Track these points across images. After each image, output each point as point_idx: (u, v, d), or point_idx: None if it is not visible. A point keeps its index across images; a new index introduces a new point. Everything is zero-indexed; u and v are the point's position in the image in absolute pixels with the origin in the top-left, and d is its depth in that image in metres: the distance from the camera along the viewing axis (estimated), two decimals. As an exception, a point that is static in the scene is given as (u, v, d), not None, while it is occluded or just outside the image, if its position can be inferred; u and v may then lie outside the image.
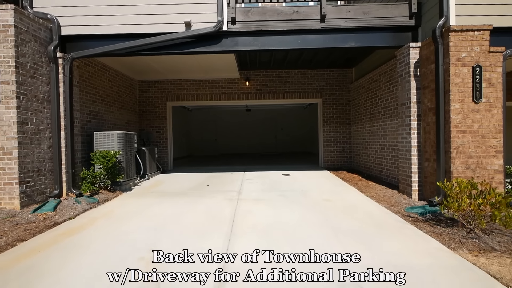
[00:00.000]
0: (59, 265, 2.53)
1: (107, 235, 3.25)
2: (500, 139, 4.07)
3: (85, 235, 3.27)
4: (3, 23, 4.02)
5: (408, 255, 2.69)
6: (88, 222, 3.72)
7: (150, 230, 3.39)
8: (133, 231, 3.37)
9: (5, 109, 4.03)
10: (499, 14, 4.09)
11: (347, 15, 4.83)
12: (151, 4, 4.79)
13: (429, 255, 2.68)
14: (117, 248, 2.88)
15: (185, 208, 4.31)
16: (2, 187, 4.04)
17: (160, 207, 4.41)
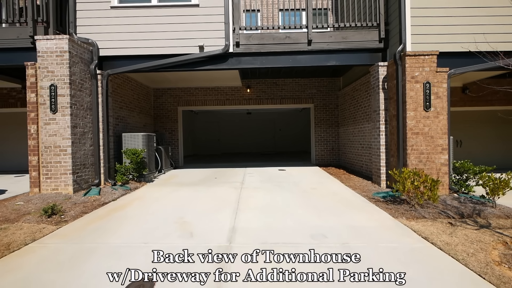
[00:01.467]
0: (116, 227, 3.69)
1: (145, 210, 4.42)
2: (445, 139, 5.23)
3: (128, 210, 4.43)
4: (60, 49, 5.19)
5: (366, 221, 3.85)
6: (127, 203, 4.89)
7: (176, 207, 4.55)
8: (164, 208, 4.53)
9: (61, 116, 5.20)
10: (444, 42, 5.26)
11: (329, 39, 6.00)
12: (172, 30, 5.95)
13: (379, 221, 3.84)
14: (155, 218, 4.04)
15: (200, 194, 5.48)
16: (59, 176, 5.21)
17: (179, 193, 5.58)
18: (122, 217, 4.08)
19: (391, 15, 5.78)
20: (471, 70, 5.10)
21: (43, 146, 5.20)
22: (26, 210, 4.41)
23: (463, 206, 4.46)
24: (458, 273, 2.47)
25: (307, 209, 4.42)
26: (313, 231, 3.43)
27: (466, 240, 3.18)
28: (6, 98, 8.62)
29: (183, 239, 3.24)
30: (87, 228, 3.62)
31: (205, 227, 3.63)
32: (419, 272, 2.47)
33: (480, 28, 5.13)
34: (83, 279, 2.38)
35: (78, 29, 5.92)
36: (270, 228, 3.56)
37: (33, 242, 3.19)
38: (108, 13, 5.96)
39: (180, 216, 4.10)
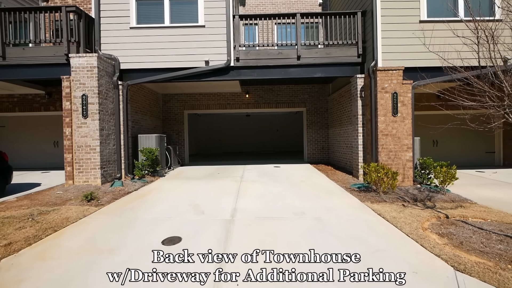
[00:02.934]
0: (144, 208, 4.75)
1: (163, 197, 5.48)
2: (410, 140, 6.30)
3: (150, 197, 5.49)
4: (90, 65, 6.25)
5: (338, 204, 4.91)
6: (147, 192, 5.95)
7: (188, 195, 5.62)
8: (178, 195, 5.60)
9: (91, 121, 6.26)
10: (409, 59, 6.33)
11: (315, 55, 7.07)
12: (182, 47, 7.02)
13: (348, 204, 4.91)
14: (173, 202, 5.11)
15: (206, 185, 6.54)
16: (89, 171, 6.27)
17: (189, 185, 6.64)
18: (146, 202, 5.15)
19: (367, 35, 6.85)
20: (430, 82, 6.15)
21: (76, 145, 6.26)
22: (67, 197, 5.47)
23: (420, 194, 5.54)
24: (393, 233, 3.55)
25: (294, 196, 5.49)
26: (295, 210, 4.50)
27: (409, 215, 4.25)
28: (31, 103, 9.67)
29: (197, 215, 4.31)
30: (121, 209, 4.69)
31: (212, 208, 4.70)
32: (365, 232, 3.54)
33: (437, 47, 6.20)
34: (131, 237, 3.45)
35: (102, 46, 6.98)
36: (263, 209, 4.63)
37: (85, 217, 4.26)
38: (127, 32, 7.02)
39: (192, 201, 5.16)
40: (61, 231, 3.67)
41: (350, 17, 7.01)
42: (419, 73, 6.36)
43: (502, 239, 3.31)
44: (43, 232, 3.59)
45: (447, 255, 2.91)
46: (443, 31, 6.23)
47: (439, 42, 6.13)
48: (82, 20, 6.51)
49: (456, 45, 4.63)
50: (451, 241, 3.30)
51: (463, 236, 3.43)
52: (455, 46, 4.64)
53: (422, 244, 3.20)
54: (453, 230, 3.65)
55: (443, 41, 6.18)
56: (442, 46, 6.25)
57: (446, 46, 6.10)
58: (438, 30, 5.91)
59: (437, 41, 6.18)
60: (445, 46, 6.20)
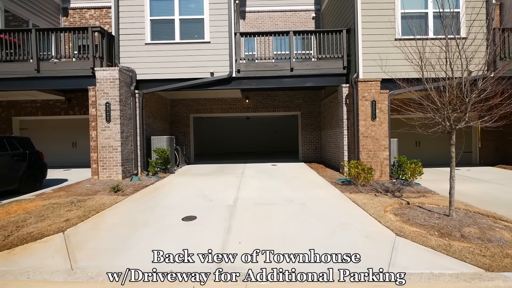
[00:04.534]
0: (162, 197, 5.79)
1: (176, 189, 6.52)
2: (387, 141, 7.33)
3: (164, 190, 6.53)
4: (113, 77, 7.30)
5: (322, 194, 5.95)
6: (162, 185, 6.99)
7: (197, 187, 6.66)
8: (189, 188, 6.64)
9: (113, 125, 7.31)
10: (385, 71, 7.34)
11: (306, 67, 8.11)
12: (190, 61, 8.06)
13: (329, 194, 5.95)
14: (185, 193, 6.15)
15: (212, 180, 7.58)
16: (111, 167, 7.31)
17: (197, 180, 7.68)
18: (162, 193, 6.19)
19: (351, 49, 7.89)
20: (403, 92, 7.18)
21: (100, 146, 7.31)
22: (96, 189, 6.51)
23: (393, 186, 6.57)
24: (359, 214, 4.59)
25: (286, 188, 6.53)
26: (286, 199, 5.54)
27: (377, 202, 5.28)
28: (52, 108, 10.72)
29: (206, 202, 5.36)
30: (144, 198, 5.74)
31: (218, 197, 5.74)
32: (339, 214, 4.58)
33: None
34: (157, 216, 4.49)
35: (121, 60, 8.04)
36: (260, 197, 5.67)
37: (116, 203, 5.30)
38: (143, 48, 8.07)
39: (201, 192, 6.21)
40: (102, 213, 4.72)
41: (337, 34, 8.06)
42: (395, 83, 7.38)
43: (440, 217, 4.34)
44: (88, 213, 4.64)
45: (394, 227, 3.94)
46: (412, 48, 7.26)
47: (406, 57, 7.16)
48: (105, 38, 7.56)
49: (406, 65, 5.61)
50: (402, 219, 4.34)
51: (412, 215, 4.46)
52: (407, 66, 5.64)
53: (379, 220, 4.23)
54: (407, 212, 4.68)
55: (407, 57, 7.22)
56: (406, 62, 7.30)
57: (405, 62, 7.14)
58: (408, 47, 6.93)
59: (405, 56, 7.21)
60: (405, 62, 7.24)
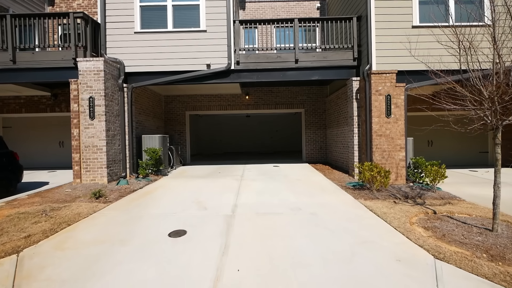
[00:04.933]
0: (150, 204, 5.04)
1: (168, 195, 5.77)
2: (403, 140, 6.58)
3: (155, 195, 5.78)
4: (97, 69, 6.54)
5: (333, 201, 5.20)
6: (152, 190, 6.23)
7: (191, 192, 5.90)
8: (182, 193, 5.88)
9: (98, 122, 6.54)
10: (401, 62, 6.60)
11: (312, 58, 7.35)
12: (184, 51, 7.30)
13: (341, 200, 5.20)
14: (177, 199, 5.39)
15: (208, 183, 6.82)
16: (96, 170, 6.55)
17: (192, 183, 6.93)
18: (151, 199, 5.43)
19: (362, 39, 7.13)
20: (422, 85, 6.44)
21: (83, 145, 6.54)
22: (76, 195, 5.76)
23: (412, 191, 5.82)
24: (382, 227, 3.83)
25: (291, 193, 5.77)
26: (292, 206, 4.78)
27: (399, 211, 4.53)
28: (37, 104, 9.95)
29: (200, 211, 4.60)
30: (128, 205, 4.98)
31: (214, 204, 4.99)
32: (357, 226, 3.83)
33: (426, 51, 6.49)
34: (139, 230, 3.74)
35: (107, 50, 7.27)
36: (262, 204, 4.92)
37: (95, 213, 4.54)
38: (132, 37, 7.31)
39: (195, 198, 5.45)
40: (74, 225, 3.96)
41: (346, 22, 7.29)
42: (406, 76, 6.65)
43: (481, 232, 3.59)
44: (58, 226, 3.88)
45: (429, 246, 3.19)
46: (432, 36, 6.52)
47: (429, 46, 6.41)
48: (89, 26, 6.80)
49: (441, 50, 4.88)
50: (435, 234, 3.58)
51: (446, 229, 3.71)
52: (440, 51, 4.90)
53: (408, 236, 3.48)
54: (438, 224, 3.93)
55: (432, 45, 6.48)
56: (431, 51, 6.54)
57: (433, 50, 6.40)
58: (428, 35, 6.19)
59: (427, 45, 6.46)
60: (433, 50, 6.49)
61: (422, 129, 6.74)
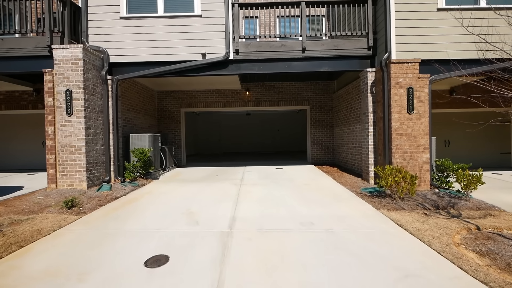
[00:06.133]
0: (131, 216, 4.18)
1: (155, 203, 4.91)
2: (427, 139, 5.73)
3: (139, 203, 4.92)
4: (75, 57, 5.68)
5: (350, 212, 4.34)
6: (137, 197, 5.38)
7: (182, 200, 5.05)
8: (171, 201, 5.02)
9: (76, 118, 5.69)
10: (425, 50, 5.75)
11: (321, 47, 6.49)
12: (176, 39, 6.45)
13: (361, 212, 4.34)
14: (164, 209, 4.53)
15: (203, 189, 5.96)
16: (74, 173, 5.70)
17: (184, 188, 6.07)
18: (134, 208, 4.58)
19: (378, 25, 6.28)
20: (449, 77, 5.58)
21: (59, 145, 5.69)
22: (47, 203, 4.90)
23: (440, 200, 4.97)
24: (421, 250, 2.97)
25: (299, 201, 4.92)
26: (302, 219, 3.92)
27: (435, 227, 3.68)
28: (18, 100, 9.10)
29: (190, 225, 3.74)
30: (105, 218, 4.12)
31: (208, 216, 4.13)
32: (388, 249, 2.97)
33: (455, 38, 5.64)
34: (109, 256, 2.88)
35: (90, 38, 6.41)
36: (265, 217, 4.06)
37: (60, 228, 3.69)
38: (117, 22, 6.45)
39: (186, 207, 4.59)
40: (27, 247, 3.10)
41: (360, 6, 6.43)
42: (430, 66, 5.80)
43: (556, 259, 2.74)
44: (5, 249, 3.02)
45: (496, 283, 2.34)
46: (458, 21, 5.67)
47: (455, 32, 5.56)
48: (67, 8, 5.94)
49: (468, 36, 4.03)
50: (495, 262, 2.73)
51: (508, 254, 2.85)
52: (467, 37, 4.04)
53: (460, 266, 2.63)
54: (492, 246, 3.08)
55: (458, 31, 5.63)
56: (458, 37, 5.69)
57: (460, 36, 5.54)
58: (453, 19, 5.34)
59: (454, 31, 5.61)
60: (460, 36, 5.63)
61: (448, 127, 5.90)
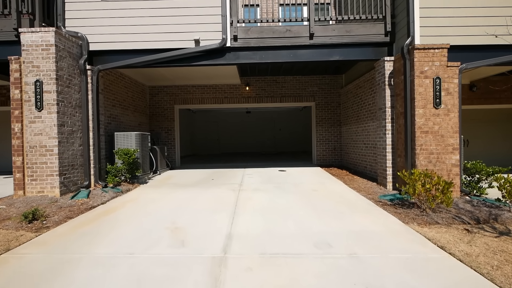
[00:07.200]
0: (103, 233, 3.37)
1: (136, 215, 4.10)
2: (456, 138, 4.91)
3: (118, 215, 4.11)
4: (46, 43, 4.87)
5: (373, 226, 3.53)
6: (119, 206, 4.57)
7: (169, 211, 4.23)
8: (155, 212, 4.21)
9: (47, 114, 4.88)
10: (455, 34, 4.94)
11: (332, 33, 5.68)
12: (166, 24, 5.64)
13: (386, 227, 3.53)
14: (145, 224, 3.72)
15: (197, 196, 5.15)
16: (44, 178, 4.89)
17: (174, 195, 5.26)
18: (110, 222, 3.76)
19: (398, 7, 5.46)
20: (486, 65, 4.78)
21: (28, 146, 4.88)
22: (7, 215, 4.09)
23: (478, 210, 4.15)
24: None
25: (309, 212, 4.10)
26: (316, 239, 3.11)
27: (487, 250, 2.86)
28: (-5, 96, 8.30)
29: (173, 248, 2.93)
30: (69, 236, 3.30)
31: (198, 233, 3.32)
32: None
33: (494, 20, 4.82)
34: (54, 299, 2.07)
35: (66, 22, 5.60)
36: (269, 234, 3.25)
37: (7, 252, 2.87)
38: (98, 5, 5.64)
39: (173, 220, 3.78)
40: None
41: (376, -14, 5.62)
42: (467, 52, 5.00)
43: None
44: None
45: None
46: None
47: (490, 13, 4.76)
48: (38, -13, 5.13)
49: None
50: None
51: None
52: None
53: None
54: None
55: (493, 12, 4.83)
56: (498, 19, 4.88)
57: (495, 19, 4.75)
58: None
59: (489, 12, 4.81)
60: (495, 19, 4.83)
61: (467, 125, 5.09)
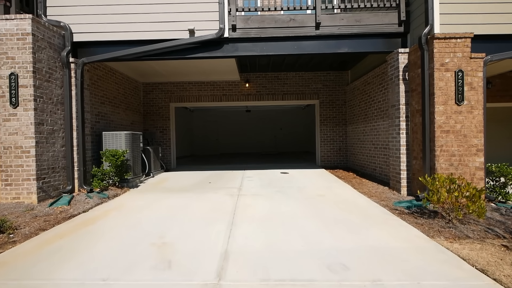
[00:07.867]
0: (78, 250, 2.86)
1: (119, 225, 3.59)
2: (481, 139, 4.39)
3: (99, 226, 3.60)
4: (22, 31, 4.36)
5: (391, 241, 3.01)
6: (101, 214, 4.06)
7: (157, 222, 3.72)
8: (142, 223, 3.70)
9: (23, 111, 4.37)
10: (479, 22, 4.42)
11: (340, 22, 5.17)
12: (157, 12, 5.13)
13: (408, 241, 3.01)
14: (128, 238, 3.20)
15: (190, 202, 4.64)
16: (20, 182, 4.38)
17: (165, 201, 4.75)
18: (87, 236, 3.25)
19: (413, -7, 4.95)
20: None
21: (1, 146, 4.37)
22: (-28, 226, 3.58)
23: (509, 221, 3.64)
24: None
25: (317, 223, 3.58)
26: (329, 260, 2.59)
27: (539, 274, 2.35)
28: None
29: (157, 271, 2.41)
30: (35, 254, 2.78)
31: (189, 250, 2.80)
32: None
33: None
34: None
35: (48, 10, 5.09)
36: (272, 252, 2.73)
37: (-48, 277, 2.36)
38: (83, -8, 5.13)
39: (160, 233, 3.27)
40: None
41: (388, -29, 5.10)
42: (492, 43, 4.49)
43: None
44: None
45: None
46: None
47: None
48: (14, -30, 4.62)
49: None
50: None
51: None
52: None
53: None
54: None
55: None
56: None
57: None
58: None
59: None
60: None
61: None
